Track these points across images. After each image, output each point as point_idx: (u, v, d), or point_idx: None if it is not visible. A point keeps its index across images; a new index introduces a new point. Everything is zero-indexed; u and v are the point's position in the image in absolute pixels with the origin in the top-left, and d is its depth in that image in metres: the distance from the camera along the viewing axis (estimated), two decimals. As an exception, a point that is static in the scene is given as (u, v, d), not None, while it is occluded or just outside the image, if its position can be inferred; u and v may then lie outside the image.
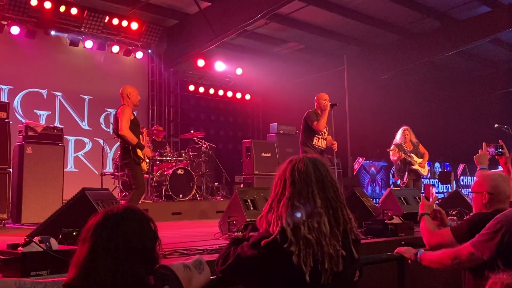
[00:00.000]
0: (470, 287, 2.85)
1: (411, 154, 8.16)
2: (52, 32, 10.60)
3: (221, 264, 2.14)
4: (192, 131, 10.34)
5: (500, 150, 3.62)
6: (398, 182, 8.43)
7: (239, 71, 13.42)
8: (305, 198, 2.04)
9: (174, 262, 2.01)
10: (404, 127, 8.37)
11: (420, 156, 8.29)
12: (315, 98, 7.21)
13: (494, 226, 2.61)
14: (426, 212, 3.32)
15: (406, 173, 8.17)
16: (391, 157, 8.35)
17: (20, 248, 2.63)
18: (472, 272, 2.84)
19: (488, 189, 3.02)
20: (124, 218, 1.77)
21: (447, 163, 14.72)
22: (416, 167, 8.16)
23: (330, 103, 6.98)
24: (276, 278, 1.99)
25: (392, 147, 8.25)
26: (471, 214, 3.21)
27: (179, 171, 9.10)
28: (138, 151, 5.98)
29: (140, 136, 6.20)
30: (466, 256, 2.67)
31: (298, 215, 2.01)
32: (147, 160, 6.29)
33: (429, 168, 9.07)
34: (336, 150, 7.12)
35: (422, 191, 3.16)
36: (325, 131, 7.06)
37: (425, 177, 8.87)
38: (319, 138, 6.99)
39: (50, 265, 2.63)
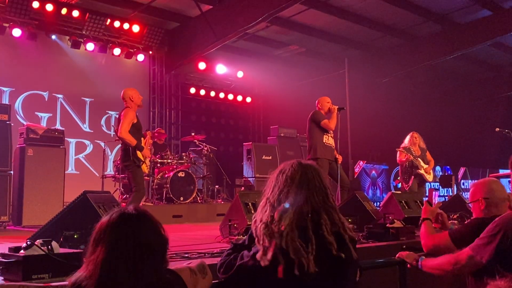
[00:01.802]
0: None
1: (419, 159, 8.16)
2: (54, 34, 10.64)
3: (223, 273, 2.17)
4: (193, 134, 10.34)
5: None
6: (399, 185, 8.42)
7: (240, 74, 13.43)
8: (279, 195, 2.10)
9: (175, 265, 2.01)
10: (413, 132, 8.40)
11: (426, 162, 8.29)
12: (316, 102, 7.28)
13: (492, 229, 2.63)
14: (427, 217, 3.33)
15: (412, 176, 8.16)
16: (398, 158, 8.32)
17: (22, 251, 2.63)
18: (475, 277, 2.84)
19: (483, 195, 3.09)
20: (140, 217, 1.78)
21: (448, 167, 14.70)
22: (422, 171, 8.15)
23: (337, 107, 7.13)
24: (276, 283, 2.00)
25: (400, 149, 8.26)
26: (471, 218, 3.23)
27: (180, 174, 9.10)
28: (138, 153, 5.99)
29: (142, 139, 6.20)
30: (466, 260, 2.68)
31: (268, 210, 2.08)
32: (148, 163, 6.29)
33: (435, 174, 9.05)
34: (340, 162, 7.22)
35: (426, 195, 3.13)
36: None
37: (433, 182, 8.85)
38: (328, 136, 7.10)
39: (52, 269, 2.63)
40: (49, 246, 2.69)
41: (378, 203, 10.41)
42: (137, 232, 1.73)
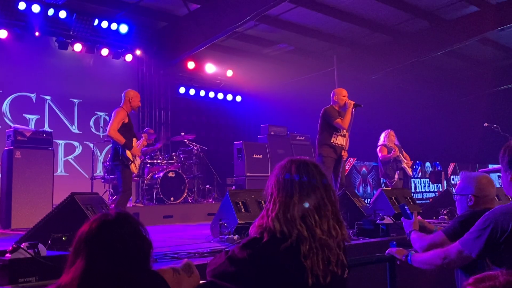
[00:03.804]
0: (463, 286, 2.85)
1: (400, 154, 8.37)
2: (41, 36, 10.54)
3: (212, 267, 2.13)
4: (182, 134, 10.31)
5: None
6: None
7: (229, 73, 13.41)
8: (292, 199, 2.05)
9: (164, 266, 1.99)
10: (388, 130, 8.56)
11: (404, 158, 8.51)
12: (332, 93, 7.12)
13: (482, 223, 2.61)
14: (413, 229, 3.34)
15: (397, 171, 8.31)
16: (382, 154, 8.41)
17: (7, 255, 2.60)
18: (464, 271, 2.85)
19: (473, 191, 3.09)
20: (121, 223, 1.75)
21: (438, 163, 14.79)
22: (404, 165, 8.34)
23: (354, 102, 6.91)
24: (267, 280, 1.98)
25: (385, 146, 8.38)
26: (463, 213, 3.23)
27: (170, 174, 9.07)
28: (128, 152, 5.99)
29: (134, 139, 6.19)
30: (456, 254, 2.67)
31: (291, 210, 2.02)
32: (137, 163, 6.26)
33: (419, 168, 9.24)
34: (344, 159, 7.14)
35: (406, 208, 3.14)
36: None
37: (413, 176, 9.03)
38: (337, 136, 6.92)
39: (39, 272, 2.60)
40: (36, 249, 2.66)
41: (368, 200, 10.46)
42: (118, 240, 1.70)
